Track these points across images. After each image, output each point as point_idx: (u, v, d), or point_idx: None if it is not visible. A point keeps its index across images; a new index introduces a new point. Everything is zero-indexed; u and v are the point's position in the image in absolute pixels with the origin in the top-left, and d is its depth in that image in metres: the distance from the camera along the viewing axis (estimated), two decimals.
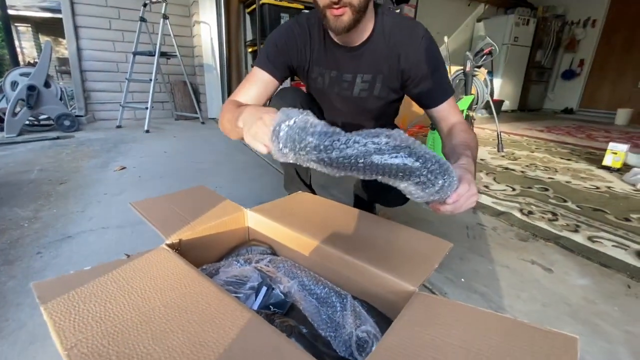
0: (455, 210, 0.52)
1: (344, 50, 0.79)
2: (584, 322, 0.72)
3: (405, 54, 0.77)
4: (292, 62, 0.83)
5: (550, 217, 1.25)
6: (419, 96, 0.82)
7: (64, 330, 0.41)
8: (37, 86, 2.32)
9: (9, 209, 1.16)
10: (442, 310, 0.46)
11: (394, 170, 0.45)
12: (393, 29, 0.77)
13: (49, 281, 0.52)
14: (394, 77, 0.81)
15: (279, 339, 0.40)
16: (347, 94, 0.85)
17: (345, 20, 0.68)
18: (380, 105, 0.88)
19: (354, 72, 0.82)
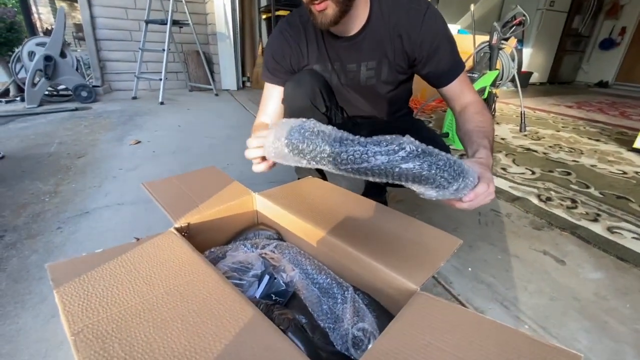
0: (470, 207, 0.51)
1: (342, 40, 0.75)
2: (592, 318, 0.70)
3: (407, 34, 0.72)
4: (292, 66, 0.81)
5: (570, 204, 1.20)
6: (427, 76, 0.78)
7: (73, 315, 0.43)
8: (53, 56, 2.34)
9: (30, 182, 1.21)
10: (440, 314, 0.45)
11: (408, 177, 0.46)
12: (392, 9, 0.72)
13: (62, 263, 0.55)
14: (400, 59, 0.77)
15: (274, 336, 0.41)
16: (354, 83, 0.82)
17: (330, 14, 0.64)
18: (391, 89, 0.83)
19: (357, 61, 0.77)
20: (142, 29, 2.75)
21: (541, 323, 0.68)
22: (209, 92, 3.18)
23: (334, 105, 0.88)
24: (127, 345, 0.40)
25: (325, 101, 0.81)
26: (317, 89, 0.78)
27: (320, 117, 0.84)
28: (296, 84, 0.78)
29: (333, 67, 0.80)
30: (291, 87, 0.78)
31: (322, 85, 0.80)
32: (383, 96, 0.85)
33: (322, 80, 0.80)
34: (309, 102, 0.78)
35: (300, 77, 0.78)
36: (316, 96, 0.78)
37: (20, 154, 1.48)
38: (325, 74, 0.81)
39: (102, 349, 0.39)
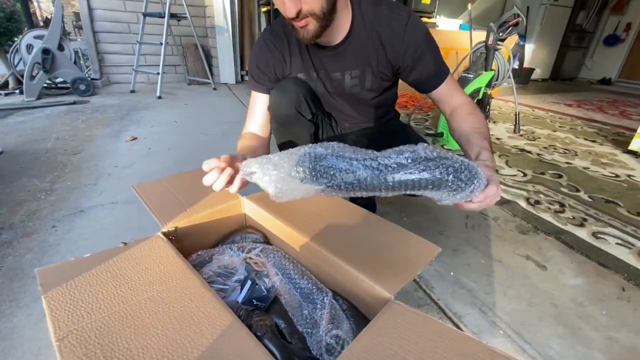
0: (478, 208, 0.51)
1: (326, 50, 0.75)
2: (567, 324, 0.73)
3: (390, 44, 0.73)
4: (277, 75, 0.82)
5: (557, 208, 1.21)
6: (413, 83, 0.79)
7: (59, 321, 0.46)
8: (51, 50, 2.34)
9: (28, 179, 1.23)
10: (409, 324, 0.47)
11: (424, 184, 0.46)
12: (374, 19, 0.73)
13: (51, 268, 0.57)
14: (384, 67, 0.78)
15: (249, 344, 0.44)
16: (339, 91, 0.83)
17: (311, 30, 0.65)
18: (375, 95, 0.85)
19: (341, 70, 0.78)
20: (140, 21, 2.73)
21: (516, 328, 0.70)
22: (207, 85, 3.18)
23: (321, 112, 0.89)
24: (108, 351, 0.42)
25: (310, 108, 0.82)
26: (302, 97, 0.79)
27: (306, 124, 0.85)
28: (281, 92, 0.79)
29: (318, 76, 0.80)
30: (276, 96, 0.79)
31: (307, 92, 0.81)
32: (368, 102, 0.86)
33: (307, 88, 0.81)
34: (294, 110, 0.79)
35: (285, 85, 0.79)
36: (301, 104, 0.79)
37: (18, 149, 1.50)
38: (310, 82, 0.82)
39: (84, 355, 0.41)
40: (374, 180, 0.46)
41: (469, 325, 0.71)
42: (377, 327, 0.48)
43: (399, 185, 0.46)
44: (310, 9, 0.62)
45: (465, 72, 1.65)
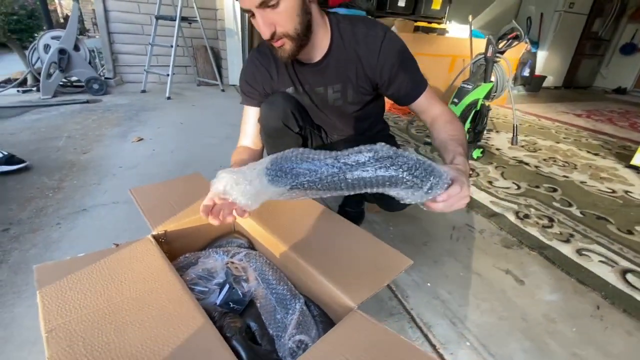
0: (445, 209, 0.53)
1: (308, 66, 0.80)
2: (534, 339, 0.75)
3: (367, 61, 0.77)
4: (266, 90, 0.86)
5: (546, 223, 1.23)
6: (392, 97, 0.83)
7: (49, 314, 0.51)
8: (67, 50, 2.44)
9: (38, 177, 1.31)
10: (364, 333, 0.51)
11: (381, 181, 0.50)
12: (351, 38, 0.76)
13: (48, 265, 0.63)
14: (363, 82, 0.82)
15: (216, 343, 0.48)
16: (324, 104, 0.87)
17: (288, 49, 0.69)
18: (358, 109, 0.88)
19: (323, 84, 0.82)
20: (153, 23, 2.82)
21: (483, 341, 0.73)
22: (215, 87, 3.25)
23: (309, 124, 0.93)
24: (89, 345, 0.47)
25: (298, 121, 0.86)
26: (289, 111, 0.83)
27: (294, 137, 0.89)
28: (269, 106, 0.83)
29: (304, 90, 0.85)
30: (265, 109, 0.84)
31: (295, 106, 0.85)
32: (352, 115, 0.90)
33: (294, 102, 0.85)
34: (281, 123, 0.84)
35: (273, 99, 0.83)
36: (288, 117, 0.84)
37: (32, 146, 1.59)
38: (297, 96, 0.87)
39: (68, 347, 0.46)
40: (334, 178, 0.50)
41: (437, 336, 0.74)
42: (335, 334, 0.52)
43: (358, 182, 0.50)
44: (284, 31, 0.66)
45: (464, 82, 1.67)
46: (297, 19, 0.66)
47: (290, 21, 0.65)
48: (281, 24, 0.65)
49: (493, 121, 2.66)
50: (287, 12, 0.64)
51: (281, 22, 0.65)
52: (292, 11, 0.65)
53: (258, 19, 0.65)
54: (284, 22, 0.65)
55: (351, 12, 2.68)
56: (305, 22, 0.68)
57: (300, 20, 0.67)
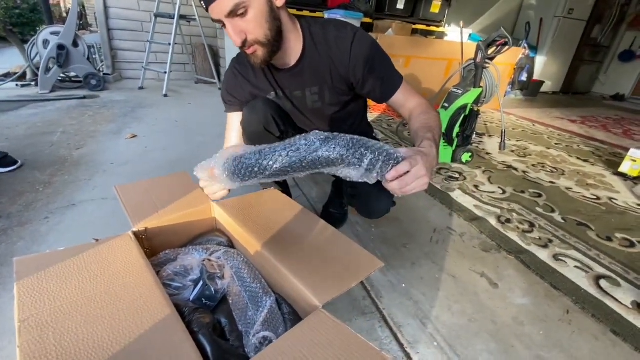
0: (402, 188, 0.55)
1: (284, 71, 0.82)
2: (500, 341, 0.77)
3: (340, 62, 0.79)
4: (246, 97, 0.89)
5: (526, 228, 1.25)
6: (368, 95, 0.85)
7: (24, 305, 0.53)
8: (66, 45, 2.47)
9: (30, 172, 1.33)
10: (325, 331, 0.53)
11: (327, 161, 0.56)
12: (322, 41, 0.79)
13: (28, 258, 0.65)
14: (339, 83, 0.84)
15: (181, 337, 0.51)
16: (303, 108, 0.89)
17: (260, 56, 0.71)
18: (337, 110, 0.90)
19: (301, 88, 0.84)
20: (152, 21, 2.84)
21: (450, 342, 0.76)
22: (213, 85, 3.28)
23: (291, 128, 0.95)
24: (59, 335, 0.49)
25: (279, 126, 0.88)
26: (269, 116, 0.85)
27: (275, 141, 0.91)
28: (250, 111, 0.86)
29: (284, 94, 0.87)
30: (246, 114, 0.86)
31: (275, 111, 0.87)
32: (332, 117, 0.92)
33: (275, 107, 0.88)
34: (262, 128, 0.86)
35: (254, 104, 0.86)
36: (269, 122, 0.86)
37: (26, 141, 1.61)
38: (278, 101, 0.89)
39: (39, 336, 0.49)
40: (292, 160, 0.59)
41: (406, 335, 0.76)
42: (296, 332, 0.54)
43: (299, 167, 0.59)
44: (254, 38, 0.68)
45: (455, 87, 1.69)
46: (266, 26, 0.68)
47: (259, 28, 0.68)
48: (251, 32, 0.67)
49: (487, 125, 2.68)
50: (255, 19, 0.66)
51: (251, 30, 0.67)
52: (261, 18, 0.67)
53: (229, 28, 0.67)
54: (253, 30, 0.67)
55: (349, 15, 2.69)
56: (275, 28, 0.70)
57: (270, 26, 0.69)
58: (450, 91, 1.70)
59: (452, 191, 1.48)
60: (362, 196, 0.91)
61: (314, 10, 3.07)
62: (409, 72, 2.79)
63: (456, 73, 1.81)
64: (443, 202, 1.38)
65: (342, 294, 0.65)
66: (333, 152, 0.55)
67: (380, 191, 0.61)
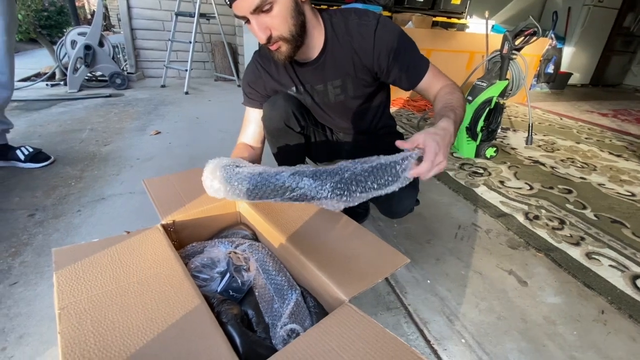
0: (424, 176, 0.57)
1: (306, 65, 0.81)
2: (532, 340, 0.75)
3: (362, 51, 0.77)
4: (267, 91, 0.88)
5: (556, 225, 1.20)
6: (394, 83, 0.83)
7: (63, 293, 0.56)
8: (92, 46, 2.55)
9: (62, 167, 1.39)
10: (353, 325, 0.53)
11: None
12: (344, 31, 0.77)
13: (66, 249, 0.68)
14: (363, 74, 0.81)
15: (210, 327, 0.51)
16: (325, 102, 0.88)
17: (284, 52, 0.70)
18: (361, 102, 0.89)
19: (323, 81, 0.83)
20: (173, 20, 2.90)
21: (479, 339, 0.74)
22: (232, 82, 3.32)
23: (312, 123, 0.95)
24: (96, 322, 0.51)
25: (299, 121, 0.88)
26: (290, 111, 0.85)
27: (296, 136, 0.91)
28: (271, 107, 0.85)
29: (305, 89, 0.86)
30: (267, 110, 0.86)
31: (296, 107, 0.87)
32: (355, 110, 0.91)
33: (296, 103, 0.87)
34: (283, 124, 0.86)
35: (275, 100, 0.85)
36: (290, 118, 0.86)
37: (57, 138, 1.68)
38: (299, 96, 0.88)
39: (77, 323, 0.51)
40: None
41: (432, 332, 0.75)
42: (324, 325, 0.54)
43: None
44: (279, 34, 0.68)
45: (479, 79, 1.64)
46: (291, 21, 0.67)
47: (284, 24, 0.67)
48: (276, 28, 0.67)
49: (511, 120, 2.59)
50: (281, 15, 0.66)
51: (276, 26, 0.67)
52: (286, 14, 0.66)
53: (253, 24, 0.66)
54: (278, 26, 0.67)
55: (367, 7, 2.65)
56: (299, 24, 0.69)
57: (294, 22, 0.68)
58: (474, 84, 1.65)
59: (477, 187, 1.44)
60: (385, 196, 0.90)
61: (331, 5, 3.05)
62: None
63: (480, 65, 1.76)
64: (467, 198, 1.34)
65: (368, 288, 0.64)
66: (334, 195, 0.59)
67: (403, 191, 0.59)
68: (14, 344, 0.65)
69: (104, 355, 0.46)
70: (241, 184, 0.65)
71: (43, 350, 0.64)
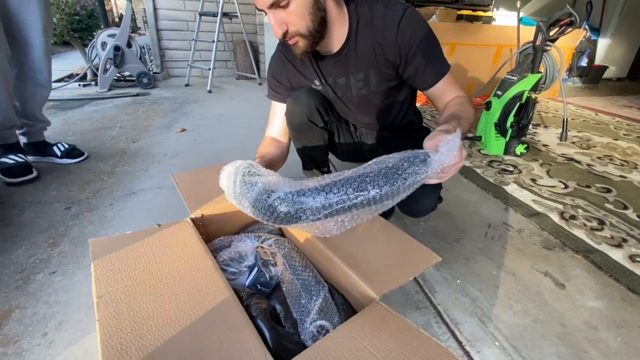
0: (442, 179, 0.57)
1: (329, 57, 0.79)
2: (572, 346, 0.71)
3: (385, 41, 0.74)
4: (291, 83, 0.87)
5: (595, 225, 1.13)
6: (409, 80, 0.79)
7: (100, 283, 0.57)
8: (121, 46, 2.64)
9: (95, 163, 1.44)
10: (385, 323, 0.52)
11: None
12: (370, 21, 0.74)
13: (101, 240, 0.70)
14: (385, 67, 0.78)
15: (241, 320, 0.51)
16: (348, 96, 0.86)
17: (301, 46, 0.69)
18: (385, 97, 0.86)
19: (345, 75, 0.81)
20: (197, 20, 2.96)
21: (514, 342, 0.70)
22: (253, 80, 3.35)
23: (335, 118, 0.93)
24: (132, 311, 0.52)
25: (322, 116, 0.87)
26: (313, 106, 0.84)
27: (318, 131, 0.90)
28: (294, 102, 0.85)
29: (327, 82, 0.85)
30: (290, 105, 0.86)
31: (319, 101, 0.85)
32: (378, 105, 0.88)
33: (319, 97, 0.86)
34: (305, 119, 0.85)
35: (298, 94, 0.84)
36: (312, 113, 0.85)
37: (90, 135, 1.76)
38: (322, 90, 0.87)
39: (114, 311, 0.52)
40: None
41: (464, 333, 0.72)
42: (355, 322, 0.53)
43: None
44: (295, 30, 0.66)
45: (509, 73, 1.57)
46: (308, 17, 0.66)
47: (301, 20, 0.66)
48: (292, 23, 0.66)
49: (541, 115, 2.47)
50: (298, 11, 0.64)
51: (292, 22, 0.66)
52: (304, 10, 0.65)
53: (270, 18, 0.66)
54: (294, 21, 0.66)
55: None
56: (318, 19, 0.67)
57: (313, 18, 0.66)
58: (504, 78, 1.58)
59: (507, 185, 1.38)
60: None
61: None
62: (455, 61, 2.65)
63: (511, 58, 1.68)
64: (497, 196, 1.29)
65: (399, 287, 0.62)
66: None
67: (424, 188, 0.57)
68: (54, 330, 0.68)
69: (140, 343, 0.47)
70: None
71: (80, 337, 0.67)
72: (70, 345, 0.65)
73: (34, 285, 0.80)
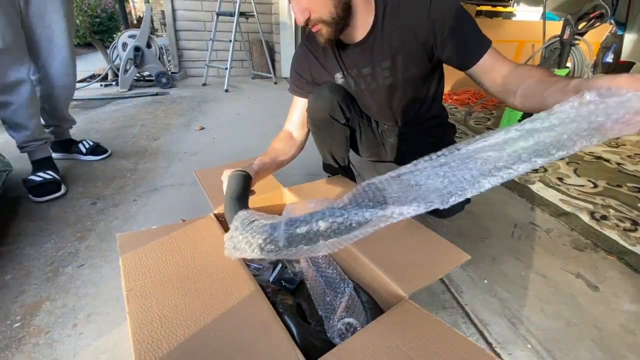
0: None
1: (353, 46, 0.77)
2: (609, 350, 0.67)
3: (418, 24, 0.70)
4: (314, 77, 0.86)
5: (629, 226, 1.08)
6: (449, 60, 0.74)
7: (129, 276, 0.58)
8: (141, 47, 2.70)
9: (118, 160, 1.47)
10: (417, 322, 0.50)
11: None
12: (397, 5, 0.72)
13: (128, 234, 0.71)
14: (416, 53, 0.75)
15: (269, 316, 0.51)
16: (374, 87, 0.84)
17: (324, 34, 0.68)
18: (411, 87, 0.83)
19: (370, 64, 0.79)
20: (214, 20, 2.99)
21: (547, 346, 0.68)
22: (269, 79, 3.36)
23: (357, 114, 0.92)
24: (160, 304, 0.53)
25: (344, 113, 0.86)
26: (335, 103, 0.83)
27: (340, 128, 0.89)
28: (317, 98, 0.84)
29: (350, 74, 0.83)
30: (312, 100, 0.85)
31: (342, 98, 0.84)
32: (403, 96, 0.85)
33: (342, 93, 0.84)
34: (327, 115, 0.84)
35: (320, 90, 0.83)
36: (335, 109, 0.83)
37: (112, 133, 1.80)
38: (345, 82, 0.85)
39: (143, 304, 0.52)
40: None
41: (493, 334, 0.70)
42: (385, 321, 0.52)
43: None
44: (318, 16, 0.65)
45: None
46: (331, 4, 0.65)
47: (324, 6, 0.64)
48: (315, 10, 0.65)
49: None
50: None
51: (315, 8, 0.64)
52: None
53: (293, 4, 0.65)
54: (317, 8, 0.64)
55: None
56: (341, 6, 0.66)
57: (336, 4, 0.65)
58: None
59: (532, 183, 1.34)
60: None
61: None
62: None
63: (536, 53, 1.63)
64: (522, 195, 1.25)
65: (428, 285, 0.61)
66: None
67: None
68: (83, 321, 0.70)
69: (169, 337, 0.47)
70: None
71: (109, 329, 0.68)
72: (99, 337, 0.66)
73: (63, 277, 0.81)
